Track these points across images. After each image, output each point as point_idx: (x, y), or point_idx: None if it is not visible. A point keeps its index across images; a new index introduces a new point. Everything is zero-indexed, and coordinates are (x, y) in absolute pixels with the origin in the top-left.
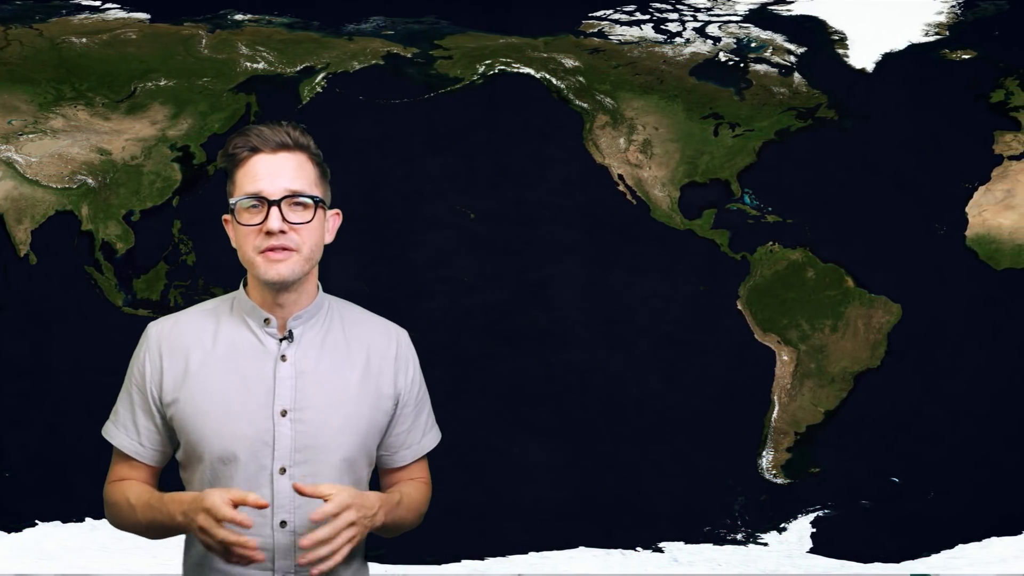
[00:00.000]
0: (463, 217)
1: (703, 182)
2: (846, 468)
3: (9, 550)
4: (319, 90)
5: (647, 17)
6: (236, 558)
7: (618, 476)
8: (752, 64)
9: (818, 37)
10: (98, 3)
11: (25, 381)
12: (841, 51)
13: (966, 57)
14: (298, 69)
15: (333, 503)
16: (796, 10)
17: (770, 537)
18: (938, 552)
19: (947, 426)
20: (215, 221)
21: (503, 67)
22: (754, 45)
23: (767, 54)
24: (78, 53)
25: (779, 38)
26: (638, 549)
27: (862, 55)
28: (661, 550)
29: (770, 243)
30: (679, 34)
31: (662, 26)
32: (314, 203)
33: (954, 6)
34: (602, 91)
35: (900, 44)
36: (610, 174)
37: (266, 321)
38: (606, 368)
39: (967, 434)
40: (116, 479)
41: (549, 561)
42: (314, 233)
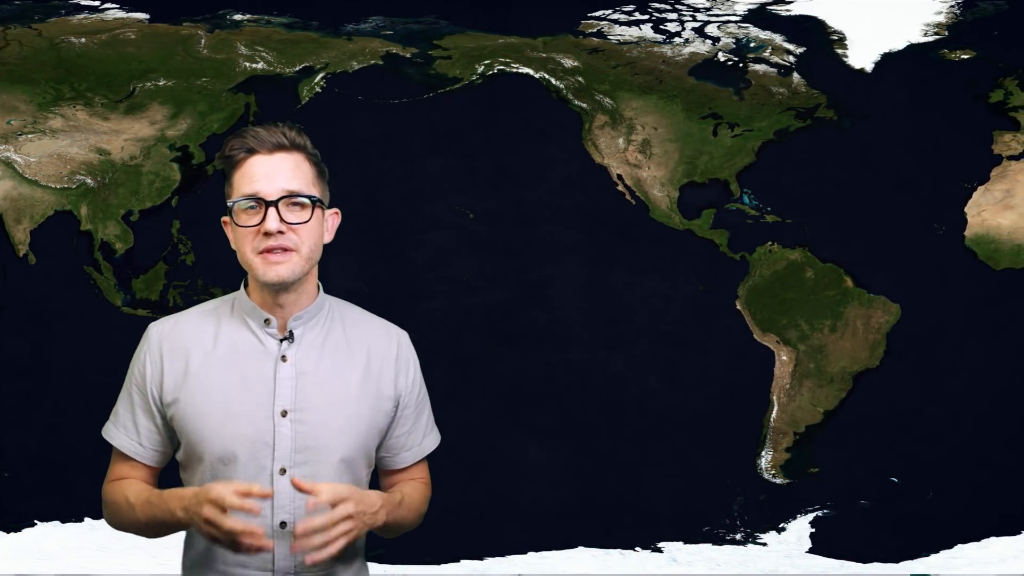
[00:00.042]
0: (463, 217)
1: (702, 182)
2: (845, 468)
3: (9, 550)
4: (318, 90)
5: (646, 17)
6: (244, 547)
7: (618, 476)
8: (751, 64)
9: (817, 37)
10: (97, 3)
11: (25, 381)
12: (840, 51)
13: (965, 57)
14: (297, 69)
15: (328, 493)
16: (795, 10)
17: (769, 537)
18: (937, 552)
19: (946, 426)
20: (214, 221)
21: (502, 67)
22: (753, 45)
23: (766, 54)
24: (77, 53)
25: (778, 38)
26: (637, 549)
27: (861, 55)
28: (660, 550)
29: (769, 243)
30: (678, 34)
31: (661, 26)
32: (312, 203)
33: (953, 6)
34: (601, 91)
35: (899, 44)
36: (609, 174)
37: (266, 321)
38: (606, 368)
39: (966, 434)
40: (115, 479)
41: (548, 561)
42: (312, 233)
